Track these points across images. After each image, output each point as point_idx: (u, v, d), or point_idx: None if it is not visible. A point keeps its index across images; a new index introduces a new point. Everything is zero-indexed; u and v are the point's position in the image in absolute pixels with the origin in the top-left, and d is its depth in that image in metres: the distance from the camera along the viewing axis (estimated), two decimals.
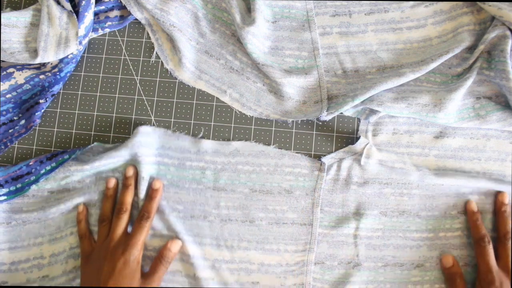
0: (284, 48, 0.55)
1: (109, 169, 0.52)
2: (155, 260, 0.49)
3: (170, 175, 0.53)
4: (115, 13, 0.56)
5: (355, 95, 0.50)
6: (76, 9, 0.52)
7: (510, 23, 0.49)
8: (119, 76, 0.56)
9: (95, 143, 0.54)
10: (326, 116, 0.51)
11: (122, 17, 0.56)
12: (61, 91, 0.56)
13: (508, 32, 0.49)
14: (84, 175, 0.53)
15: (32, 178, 0.51)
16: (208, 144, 0.53)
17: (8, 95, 0.51)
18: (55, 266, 0.51)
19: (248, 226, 0.52)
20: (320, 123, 0.53)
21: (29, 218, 0.52)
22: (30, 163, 0.52)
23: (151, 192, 0.51)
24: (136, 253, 0.47)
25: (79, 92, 0.56)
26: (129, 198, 0.50)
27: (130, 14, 0.55)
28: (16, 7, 0.57)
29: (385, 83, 0.50)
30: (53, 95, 0.54)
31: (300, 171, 0.52)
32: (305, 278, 0.51)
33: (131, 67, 0.56)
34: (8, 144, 0.54)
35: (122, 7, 0.56)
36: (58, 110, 0.55)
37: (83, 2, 0.52)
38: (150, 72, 0.56)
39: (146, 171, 0.52)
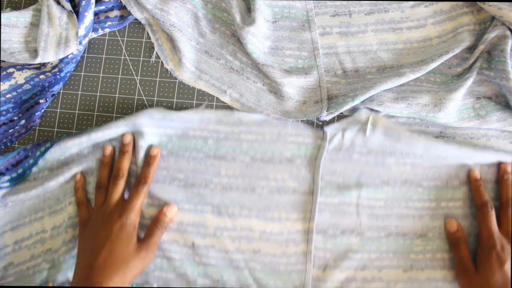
0: (284, 48, 0.55)
1: (106, 139, 0.53)
2: (150, 225, 0.49)
3: (171, 144, 0.53)
4: (115, 13, 0.56)
5: (355, 95, 0.50)
6: (76, 9, 0.52)
7: (510, 23, 0.49)
8: (119, 76, 0.56)
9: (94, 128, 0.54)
10: (326, 116, 0.51)
11: (122, 17, 0.56)
12: (61, 91, 0.56)
13: (508, 32, 0.49)
14: (82, 147, 0.53)
15: (31, 161, 0.51)
16: (211, 114, 0.53)
17: (8, 95, 0.51)
18: (57, 238, 0.51)
19: (249, 195, 0.52)
20: (320, 123, 0.53)
21: (27, 196, 0.51)
22: (28, 147, 0.52)
23: (148, 159, 0.51)
24: (133, 217, 0.47)
25: (79, 92, 0.56)
26: (126, 164, 0.50)
27: (130, 14, 0.55)
28: (16, 7, 0.57)
29: (385, 83, 0.50)
30: (53, 95, 0.54)
31: (303, 140, 0.52)
32: (307, 246, 0.50)
33: (131, 67, 0.56)
34: (8, 144, 0.54)
35: (122, 7, 0.56)
36: (58, 110, 0.55)
37: (83, 2, 0.51)
38: (150, 72, 0.56)
39: (146, 141, 0.52)
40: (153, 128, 0.52)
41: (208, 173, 0.52)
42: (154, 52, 0.56)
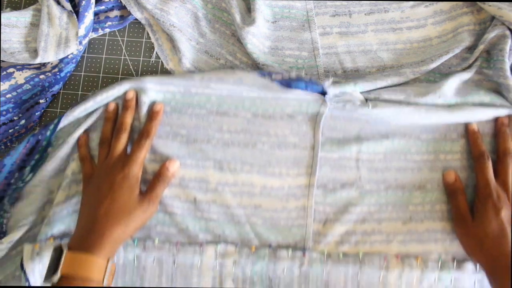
0: (284, 48, 0.55)
1: (111, 100, 0.52)
2: (153, 179, 0.49)
3: (174, 101, 0.53)
4: (115, 13, 0.56)
5: (356, 82, 0.50)
6: (76, 9, 0.52)
7: (510, 23, 0.49)
8: (119, 76, 0.56)
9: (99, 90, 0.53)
10: (329, 87, 0.50)
11: (122, 17, 0.56)
12: (61, 91, 0.56)
13: (507, 32, 0.49)
14: (88, 112, 0.52)
15: (44, 143, 0.51)
16: (212, 74, 0.52)
17: (8, 95, 0.51)
18: (62, 194, 0.51)
19: (250, 150, 0.52)
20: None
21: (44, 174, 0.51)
22: (35, 132, 0.51)
23: (151, 114, 0.51)
24: (135, 169, 0.47)
25: (79, 92, 0.56)
26: (129, 118, 0.50)
27: (130, 14, 0.55)
28: (16, 7, 0.57)
29: (385, 81, 0.50)
30: (53, 95, 0.54)
31: (304, 97, 0.52)
32: (307, 201, 0.51)
33: (131, 67, 0.56)
34: (8, 144, 0.53)
35: (122, 7, 0.56)
36: (58, 110, 0.55)
37: (83, 2, 0.52)
38: (150, 72, 0.56)
39: (149, 97, 0.52)
40: (156, 85, 0.52)
41: (211, 129, 0.52)
42: (154, 52, 0.56)
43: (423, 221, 0.50)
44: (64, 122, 0.51)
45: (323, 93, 0.51)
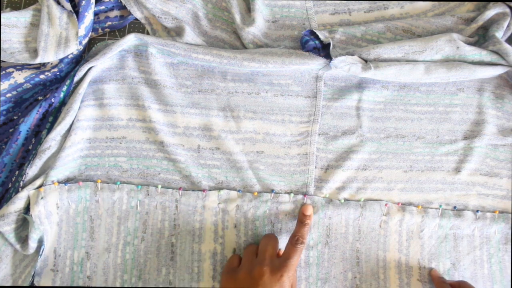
0: (285, 48, 0.54)
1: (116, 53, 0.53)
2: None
3: (177, 60, 0.54)
4: (115, 13, 0.56)
5: (354, 50, 0.51)
6: (76, 9, 0.52)
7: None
8: None
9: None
10: (333, 51, 0.51)
11: (122, 17, 0.56)
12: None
13: (507, 10, 0.51)
14: (105, 59, 0.52)
15: (57, 105, 0.51)
16: (214, 47, 0.53)
17: (8, 94, 0.51)
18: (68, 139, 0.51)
19: (254, 98, 0.53)
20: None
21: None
22: (38, 98, 0.52)
23: (301, 218, 0.48)
24: (290, 274, 0.44)
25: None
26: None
27: (130, 14, 0.55)
28: (16, 7, 0.57)
29: (386, 45, 0.50)
30: (51, 104, 0.53)
31: (308, 61, 0.51)
32: (309, 148, 0.52)
33: None
34: None
35: (122, 7, 0.56)
36: None
37: (83, 2, 0.52)
38: None
39: (155, 50, 0.53)
40: (158, 44, 0.52)
41: (215, 79, 0.53)
42: None
43: (423, 171, 0.51)
44: (78, 74, 0.51)
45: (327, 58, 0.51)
